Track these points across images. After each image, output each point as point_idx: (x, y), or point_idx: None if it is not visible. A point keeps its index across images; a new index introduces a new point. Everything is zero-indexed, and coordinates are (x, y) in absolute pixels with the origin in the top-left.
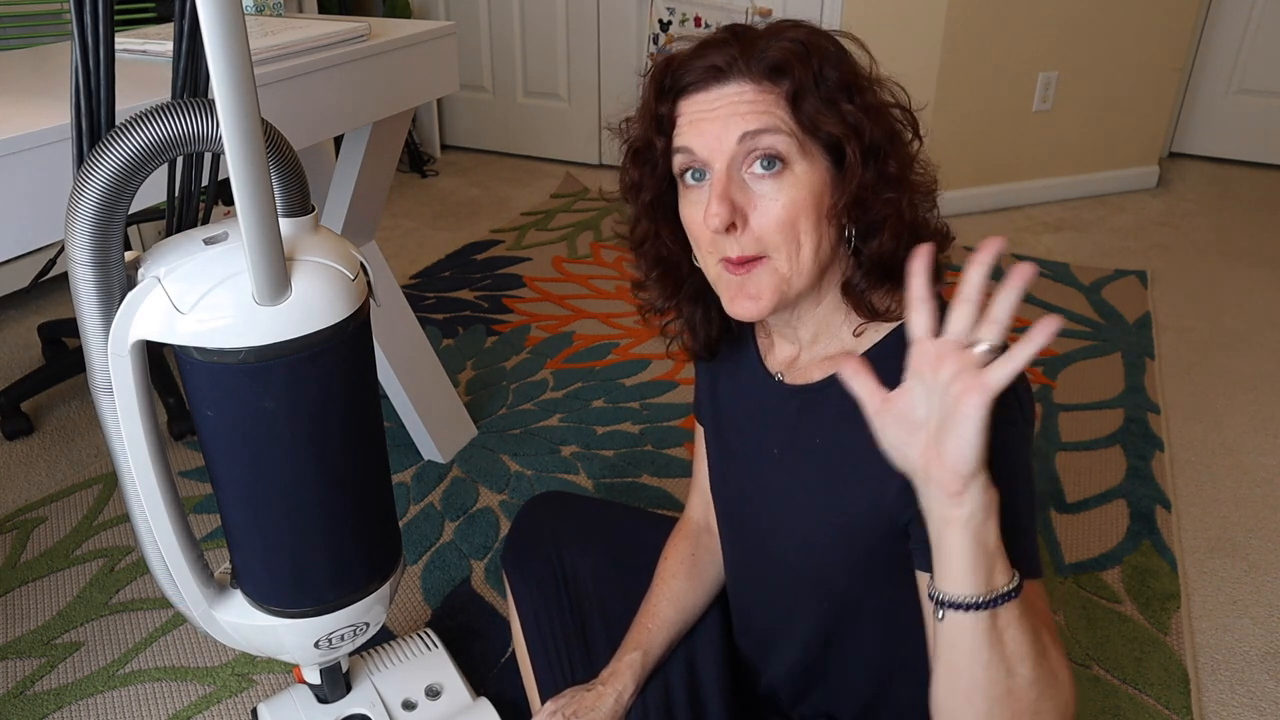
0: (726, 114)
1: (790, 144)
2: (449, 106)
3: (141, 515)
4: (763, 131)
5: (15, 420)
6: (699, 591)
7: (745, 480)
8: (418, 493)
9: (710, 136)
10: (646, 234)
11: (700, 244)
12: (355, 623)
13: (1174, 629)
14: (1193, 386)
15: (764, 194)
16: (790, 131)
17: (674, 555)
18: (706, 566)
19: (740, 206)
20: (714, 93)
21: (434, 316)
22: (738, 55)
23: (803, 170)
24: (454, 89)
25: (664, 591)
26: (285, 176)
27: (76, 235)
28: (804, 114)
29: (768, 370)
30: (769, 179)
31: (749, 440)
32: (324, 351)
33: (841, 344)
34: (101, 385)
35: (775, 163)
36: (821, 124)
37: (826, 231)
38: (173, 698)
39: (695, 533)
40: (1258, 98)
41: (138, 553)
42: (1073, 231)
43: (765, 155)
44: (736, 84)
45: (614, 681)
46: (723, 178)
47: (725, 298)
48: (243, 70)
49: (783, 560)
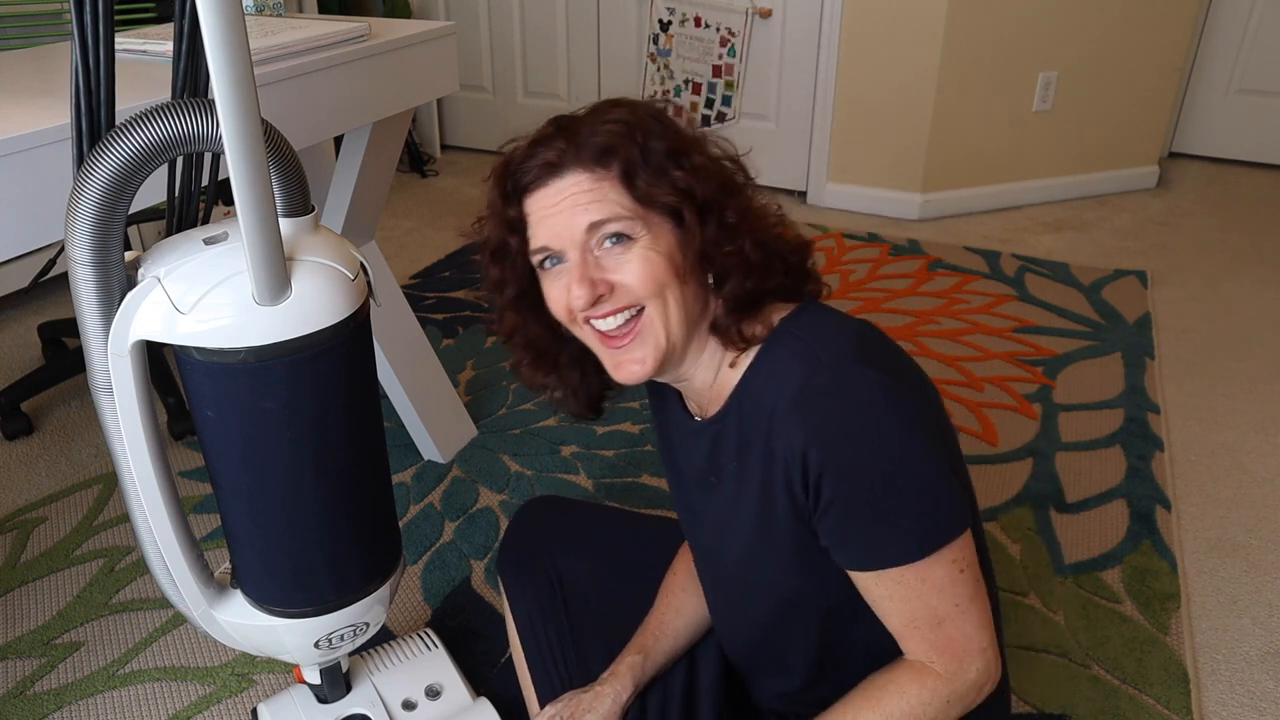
0: (569, 206)
1: (633, 224)
2: (449, 106)
3: (141, 515)
4: (605, 221)
5: (15, 420)
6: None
7: (693, 509)
8: (418, 493)
9: (560, 229)
10: (515, 326)
11: (570, 320)
12: (355, 623)
13: (1174, 629)
14: (1193, 386)
15: (622, 261)
16: (630, 212)
17: (683, 570)
18: None
19: (601, 279)
20: (553, 188)
21: (434, 316)
22: (565, 148)
23: (649, 240)
24: (454, 89)
25: (673, 603)
26: (285, 176)
27: (76, 235)
28: (638, 190)
29: (688, 411)
30: (619, 251)
31: (686, 474)
32: (324, 351)
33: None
34: (101, 385)
35: (623, 238)
36: (656, 196)
37: (688, 285)
38: (173, 698)
39: None
40: (1258, 98)
41: (138, 553)
42: (1073, 231)
43: (613, 234)
44: (572, 175)
45: (613, 682)
46: (579, 262)
47: (609, 365)
48: (243, 70)
49: (737, 575)
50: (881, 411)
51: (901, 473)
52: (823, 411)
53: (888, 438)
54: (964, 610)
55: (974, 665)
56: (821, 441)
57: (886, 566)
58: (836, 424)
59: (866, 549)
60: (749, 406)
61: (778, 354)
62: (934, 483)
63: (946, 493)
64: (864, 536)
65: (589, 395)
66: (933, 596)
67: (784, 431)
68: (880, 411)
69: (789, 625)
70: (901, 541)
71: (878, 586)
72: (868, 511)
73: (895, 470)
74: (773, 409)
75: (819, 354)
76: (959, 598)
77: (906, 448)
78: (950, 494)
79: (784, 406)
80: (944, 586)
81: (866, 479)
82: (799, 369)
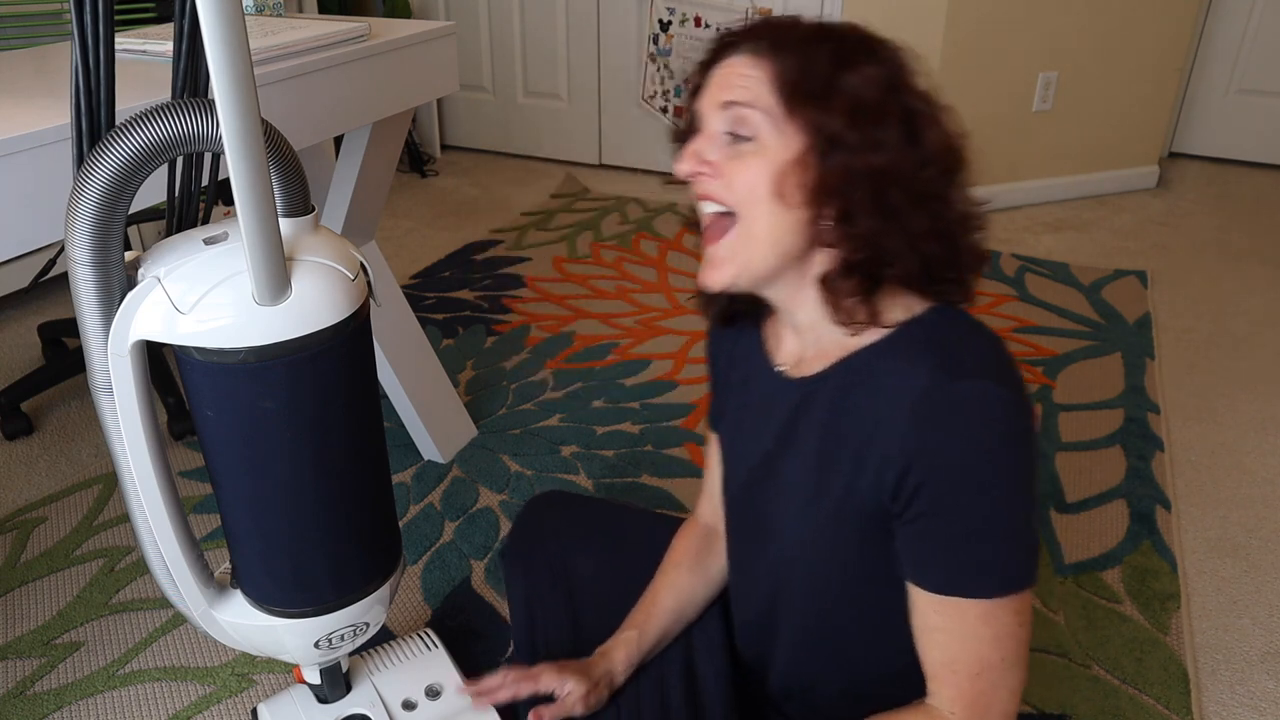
0: (723, 81)
1: (759, 122)
2: (449, 106)
3: (141, 515)
4: (738, 104)
5: (15, 420)
6: (701, 585)
7: (746, 474)
8: (418, 493)
9: (710, 99)
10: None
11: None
12: (355, 623)
13: (1174, 629)
14: (1193, 386)
15: (730, 155)
16: (765, 109)
17: (680, 547)
18: (711, 564)
19: (705, 160)
20: (724, 62)
21: (434, 316)
22: (749, 30)
23: (770, 147)
24: (454, 89)
25: (666, 580)
26: (285, 176)
27: (76, 235)
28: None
29: (772, 364)
30: (737, 147)
31: (751, 435)
32: (324, 351)
33: (837, 340)
34: (101, 385)
35: (739, 138)
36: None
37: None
38: (173, 698)
39: (705, 531)
40: (1258, 98)
41: (138, 553)
42: (1073, 231)
43: (733, 127)
44: (737, 55)
45: (608, 655)
46: (705, 135)
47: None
48: (243, 70)
49: (781, 556)
50: (1007, 440)
51: (1005, 508)
52: (947, 420)
53: (1004, 468)
54: (1008, 668)
55: None
56: (934, 452)
57: (958, 595)
58: (959, 440)
59: (945, 570)
60: (859, 384)
61: (910, 343)
62: (1026, 526)
63: (1030, 539)
64: (946, 557)
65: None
66: (986, 642)
67: (896, 426)
68: (1006, 440)
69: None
70: (984, 574)
71: (937, 614)
72: (959, 535)
73: (1000, 503)
74: (889, 398)
75: (963, 360)
76: (1008, 653)
77: (1018, 484)
78: (1034, 542)
79: (906, 401)
80: (1000, 636)
81: (969, 504)
82: (932, 368)
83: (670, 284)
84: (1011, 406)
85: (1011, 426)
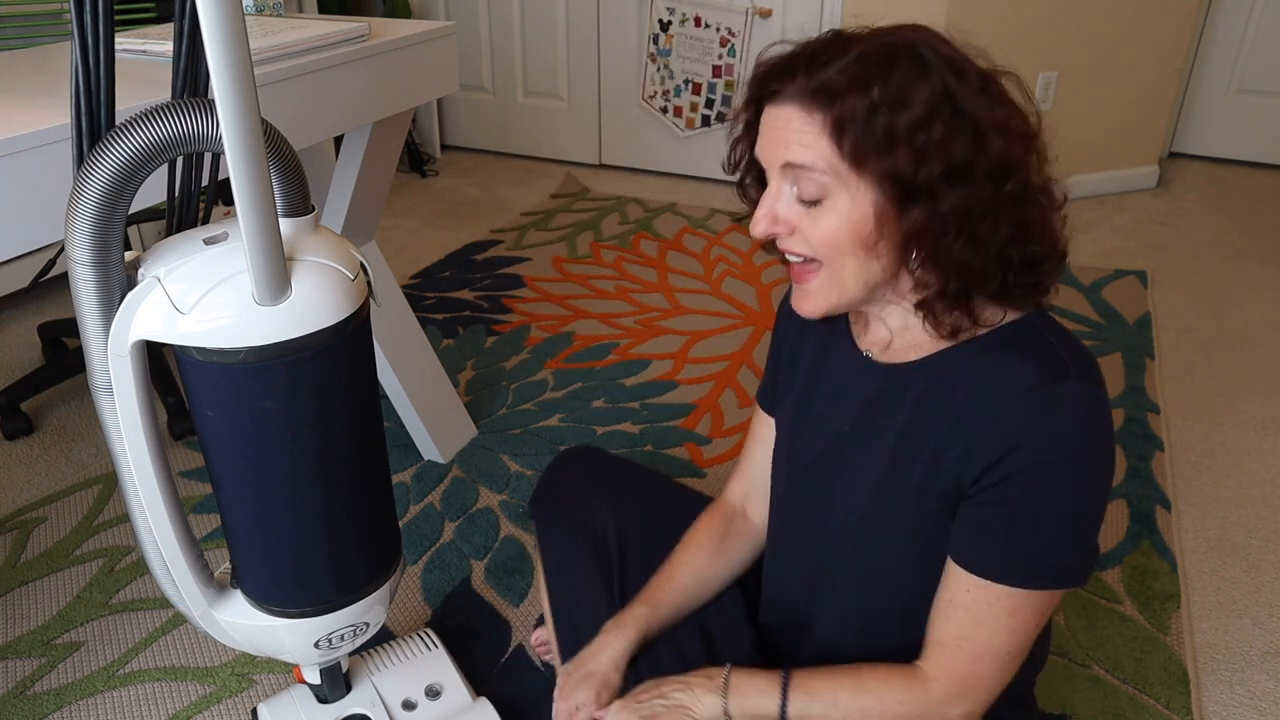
0: (779, 137)
1: (826, 183)
2: (449, 106)
3: (141, 515)
4: (799, 167)
5: (15, 420)
6: (721, 568)
7: (811, 454)
8: (418, 493)
9: (768, 153)
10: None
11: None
12: (355, 623)
13: (1174, 629)
14: (1193, 386)
15: (805, 216)
16: (829, 169)
17: (704, 528)
18: (734, 547)
19: (786, 219)
20: (773, 111)
21: (434, 316)
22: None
23: (841, 204)
24: (454, 89)
25: (686, 558)
26: (285, 176)
27: (76, 235)
28: (845, 147)
29: (858, 349)
30: (807, 207)
31: (823, 415)
32: (324, 351)
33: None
34: (101, 385)
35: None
36: (865, 160)
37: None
38: (173, 698)
39: (729, 514)
40: (1258, 98)
41: (138, 553)
42: (1073, 231)
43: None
44: (790, 107)
45: (617, 633)
46: (772, 193)
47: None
48: (243, 70)
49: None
50: (1099, 443)
51: (1084, 506)
52: (1055, 414)
53: (1094, 469)
54: (1010, 659)
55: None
56: (1038, 440)
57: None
58: (1063, 433)
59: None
60: (953, 378)
61: (1019, 342)
62: (1087, 531)
63: (1085, 545)
64: (1002, 544)
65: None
66: (1003, 631)
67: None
68: (1102, 442)
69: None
70: (1033, 565)
71: (968, 593)
72: (1026, 524)
73: (1079, 501)
74: (1000, 390)
75: (1069, 364)
76: (1014, 646)
77: (1100, 486)
78: (1087, 549)
79: (1013, 394)
80: (1017, 629)
81: (1051, 495)
82: (1045, 367)
83: (670, 284)
84: (1108, 413)
85: (1107, 431)
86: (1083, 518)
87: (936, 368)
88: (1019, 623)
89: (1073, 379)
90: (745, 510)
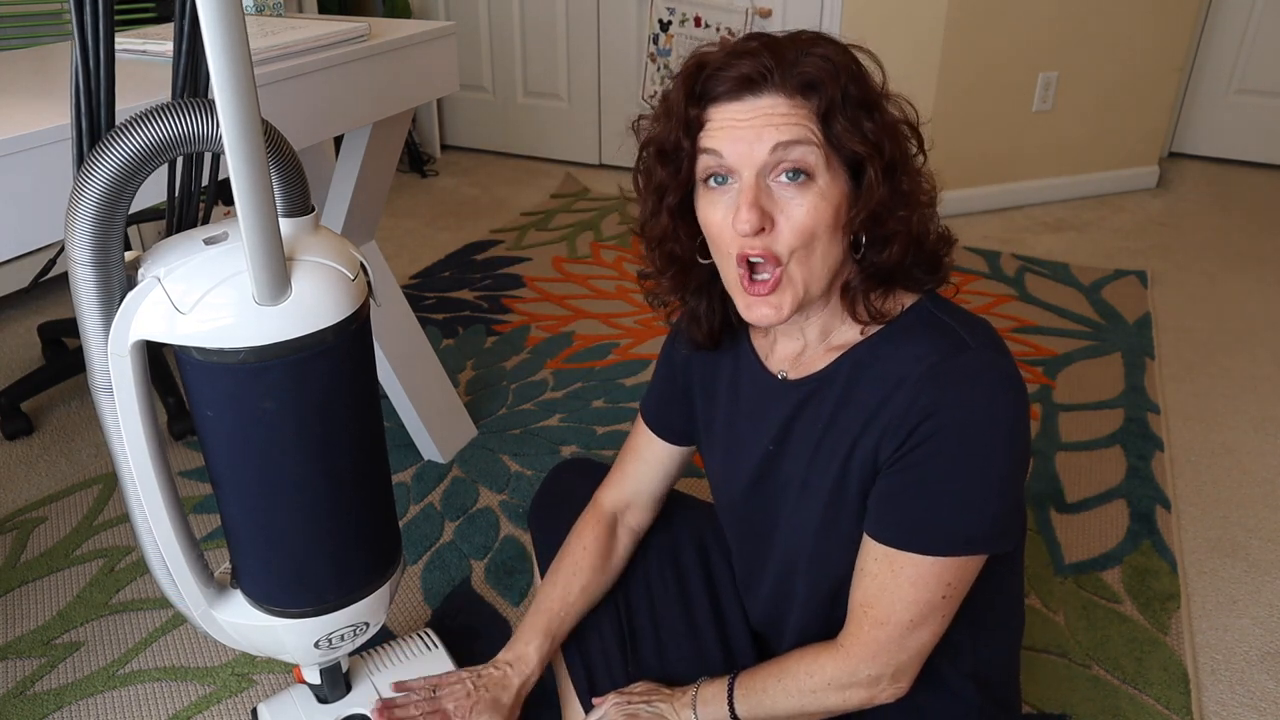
0: (760, 125)
1: (818, 157)
2: (449, 106)
3: (141, 515)
4: (795, 143)
5: (15, 420)
6: (606, 583)
7: (745, 476)
8: (418, 493)
9: (743, 145)
10: (665, 233)
11: (720, 245)
12: (355, 623)
13: (1174, 629)
14: (1193, 386)
15: (789, 201)
16: (819, 145)
17: (590, 543)
18: (618, 560)
19: (768, 212)
20: (747, 104)
21: (434, 316)
22: (772, 67)
23: (826, 183)
24: (454, 89)
25: (577, 581)
26: (285, 176)
27: (76, 235)
28: (832, 131)
29: (769, 371)
30: (794, 188)
31: (746, 437)
32: (324, 351)
33: (841, 337)
34: (101, 385)
35: (801, 175)
36: (847, 142)
37: (840, 241)
38: (173, 698)
39: (609, 525)
40: (1258, 98)
41: (138, 553)
42: (1073, 231)
43: (794, 167)
44: (770, 97)
45: (520, 666)
46: (752, 185)
47: (741, 304)
48: (243, 70)
49: (785, 547)
50: (1004, 408)
51: (976, 475)
52: (960, 383)
53: (986, 436)
54: (913, 628)
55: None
56: (947, 409)
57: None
58: (970, 400)
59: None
60: (868, 370)
61: (916, 326)
62: (1007, 490)
63: (1009, 505)
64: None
65: (711, 326)
66: (904, 600)
67: (906, 394)
68: (1003, 408)
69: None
70: (935, 531)
71: (875, 561)
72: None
73: (969, 470)
74: (903, 375)
75: (965, 337)
76: (916, 615)
77: (997, 453)
78: (1011, 507)
79: (917, 372)
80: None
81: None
82: (942, 344)
83: None
84: (1014, 376)
85: (1013, 396)
86: (987, 484)
87: (848, 368)
88: (921, 592)
89: (970, 350)
90: (624, 519)
